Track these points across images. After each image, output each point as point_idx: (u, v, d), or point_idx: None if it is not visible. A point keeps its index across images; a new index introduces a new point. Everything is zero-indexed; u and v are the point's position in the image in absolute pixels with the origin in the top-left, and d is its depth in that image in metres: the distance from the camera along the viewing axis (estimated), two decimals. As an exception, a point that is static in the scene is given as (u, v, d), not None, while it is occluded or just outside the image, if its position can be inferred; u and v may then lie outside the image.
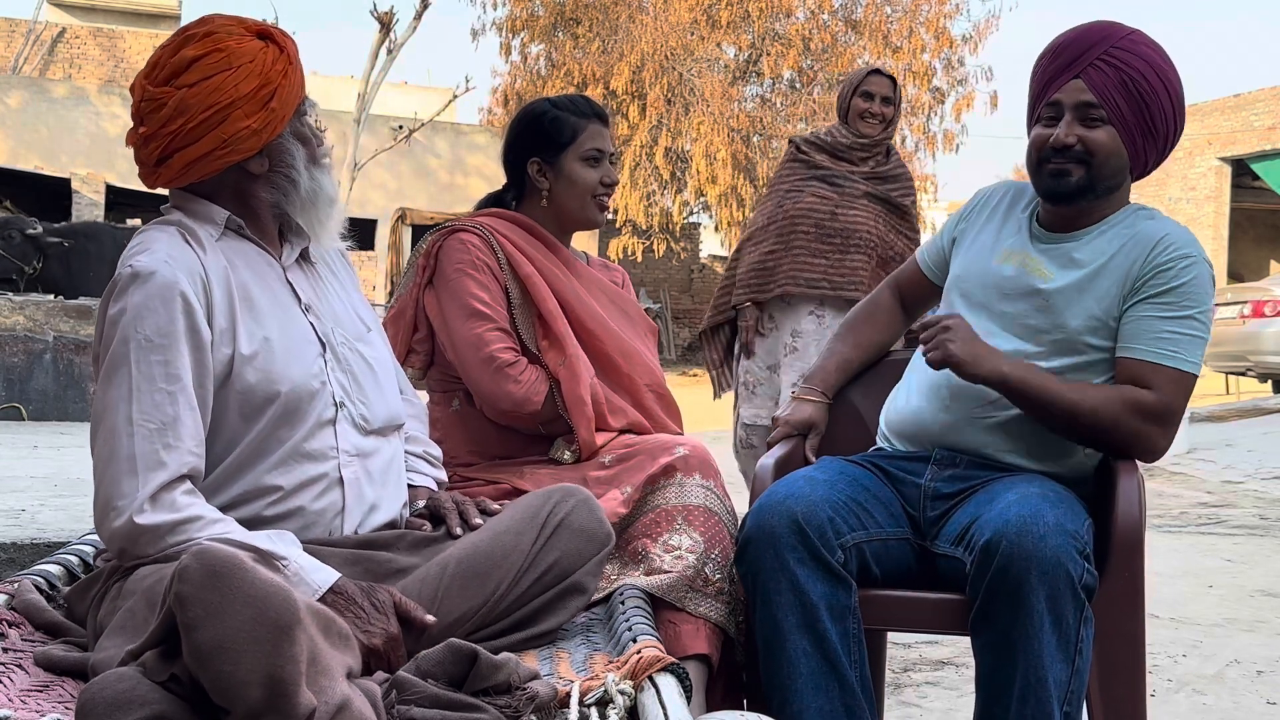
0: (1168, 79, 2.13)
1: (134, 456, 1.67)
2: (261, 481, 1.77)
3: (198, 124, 1.77)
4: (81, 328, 8.93)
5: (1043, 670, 1.88)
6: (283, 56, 1.82)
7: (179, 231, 1.81)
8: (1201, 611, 4.29)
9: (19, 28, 23.51)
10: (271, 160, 1.85)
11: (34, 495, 4.81)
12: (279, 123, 1.82)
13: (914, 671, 3.53)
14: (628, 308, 2.55)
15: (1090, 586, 1.92)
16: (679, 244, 23.22)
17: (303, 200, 1.88)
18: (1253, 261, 22.91)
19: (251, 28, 1.83)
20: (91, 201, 18.85)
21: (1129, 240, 2.14)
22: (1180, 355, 2.08)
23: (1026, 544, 1.87)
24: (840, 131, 4.22)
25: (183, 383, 1.70)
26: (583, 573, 1.86)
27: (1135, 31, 2.16)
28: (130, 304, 1.71)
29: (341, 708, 1.30)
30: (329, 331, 1.90)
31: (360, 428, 1.88)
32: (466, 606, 1.74)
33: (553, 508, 1.87)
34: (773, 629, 2.01)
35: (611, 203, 2.57)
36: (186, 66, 1.78)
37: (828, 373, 2.49)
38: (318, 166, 1.90)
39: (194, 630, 1.24)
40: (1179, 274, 2.09)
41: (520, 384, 2.32)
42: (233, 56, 1.78)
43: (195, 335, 1.73)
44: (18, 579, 1.87)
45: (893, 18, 21.17)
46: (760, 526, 2.03)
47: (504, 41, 21.92)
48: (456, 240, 2.40)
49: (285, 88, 1.81)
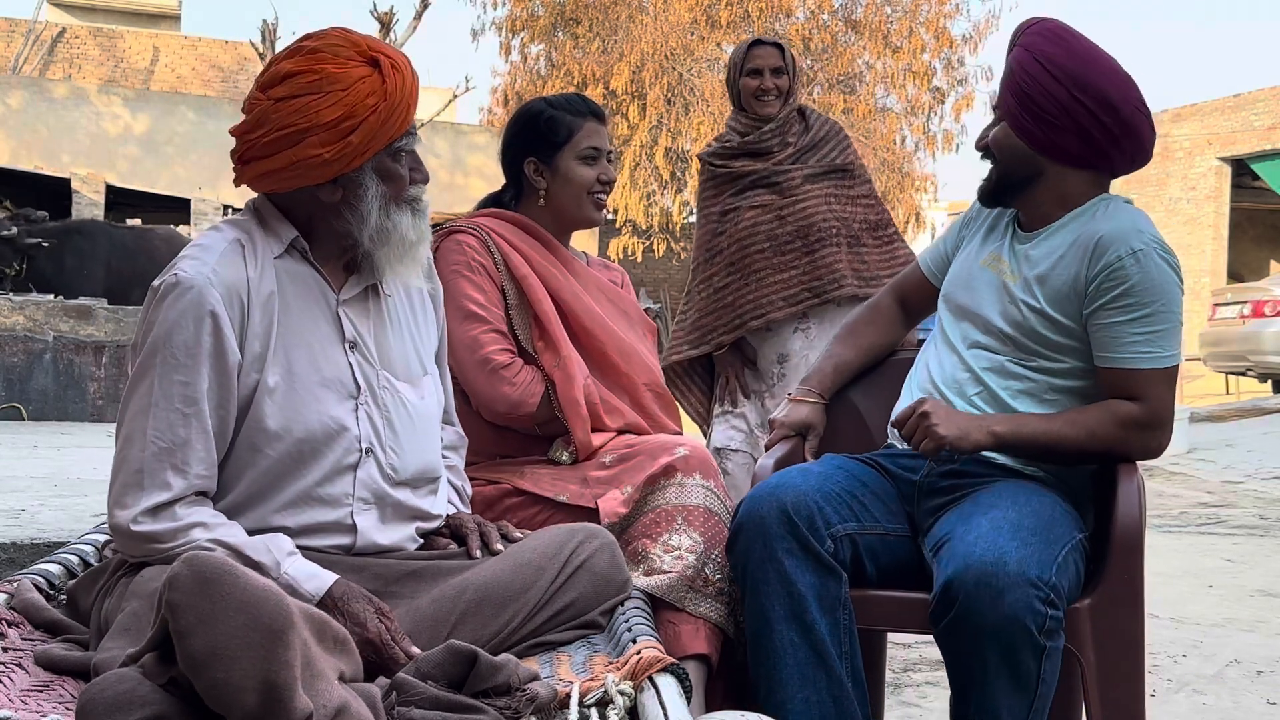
0: (1048, 59, 2.09)
1: (141, 471, 1.68)
2: (268, 521, 1.76)
3: (272, 140, 1.74)
4: (81, 328, 8.93)
5: (997, 708, 1.89)
6: (381, 89, 1.75)
7: (239, 242, 1.78)
8: (1201, 611, 4.29)
9: (19, 28, 23.50)
10: (345, 192, 1.80)
11: (34, 495, 4.81)
12: (356, 156, 1.76)
13: (914, 671, 3.53)
14: (626, 307, 2.55)
15: (1055, 628, 1.88)
16: (679, 244, 23.21)
17: (371, 237, 1.82)
18: (1253, 261, 22.89)
19: (365, 52, 1.77)
20: (91, 201, 18.83)
21: (1075, 241, 2.14)
22: (1155, 354, 2.08)
23: (983, 600, 1.83)
24: (739, 122, 3.64)
25: (199, 406, 1.70)
26: (597, 613, 1.86)
27: (1036, 23, 2.16)
28: (165, 316, 1.70)
29: (340, 710, 1.30)
30: (371, 373, 1.85)
31: (389, 477, 1.84)
32: (479, 634, 1.73)
33: (576, 547, 1.86)
34: (760, 619, 2.01)
35: (611, 202, 2.57)
36: (281, 80, 1.75)
37: (824, 374, 2.49)
38: (398, 206, 1.83)
39: (186, 638, 1.23)
40: (1128, 272, 2.07)
41: (515, 386, 2.32)
42: (325, 81, 1.73)
43: (222, 359, 1.71)
44: (17, 579, 1.87)
45: (893, 18, 21.16)
46: (750, 516, 2.04)
47: (504, 41, 21.91)
48: (453, 241, 2.40)
49: (372, 122, 1.75)
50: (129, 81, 22.80)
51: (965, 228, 2.40)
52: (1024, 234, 2.24)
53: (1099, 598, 2.00)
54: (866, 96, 21.45)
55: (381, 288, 1.91)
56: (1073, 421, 2.09)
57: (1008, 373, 2.18)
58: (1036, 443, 2.10)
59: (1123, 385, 2.09)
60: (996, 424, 2.10)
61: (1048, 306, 2.14)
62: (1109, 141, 2.12)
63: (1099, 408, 2.10)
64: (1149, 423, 2.08)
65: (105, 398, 8.84)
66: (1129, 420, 2.08)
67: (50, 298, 9.37)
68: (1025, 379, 2.17)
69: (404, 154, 1.84)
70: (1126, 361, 2.08)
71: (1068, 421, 2.09)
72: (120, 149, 19.77)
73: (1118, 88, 2.10)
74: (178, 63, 23.75)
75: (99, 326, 8.96)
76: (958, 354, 2.24)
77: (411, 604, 1.76)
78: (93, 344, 8.87)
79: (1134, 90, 2.13)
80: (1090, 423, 2.09)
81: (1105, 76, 2.10)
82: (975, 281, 2.25)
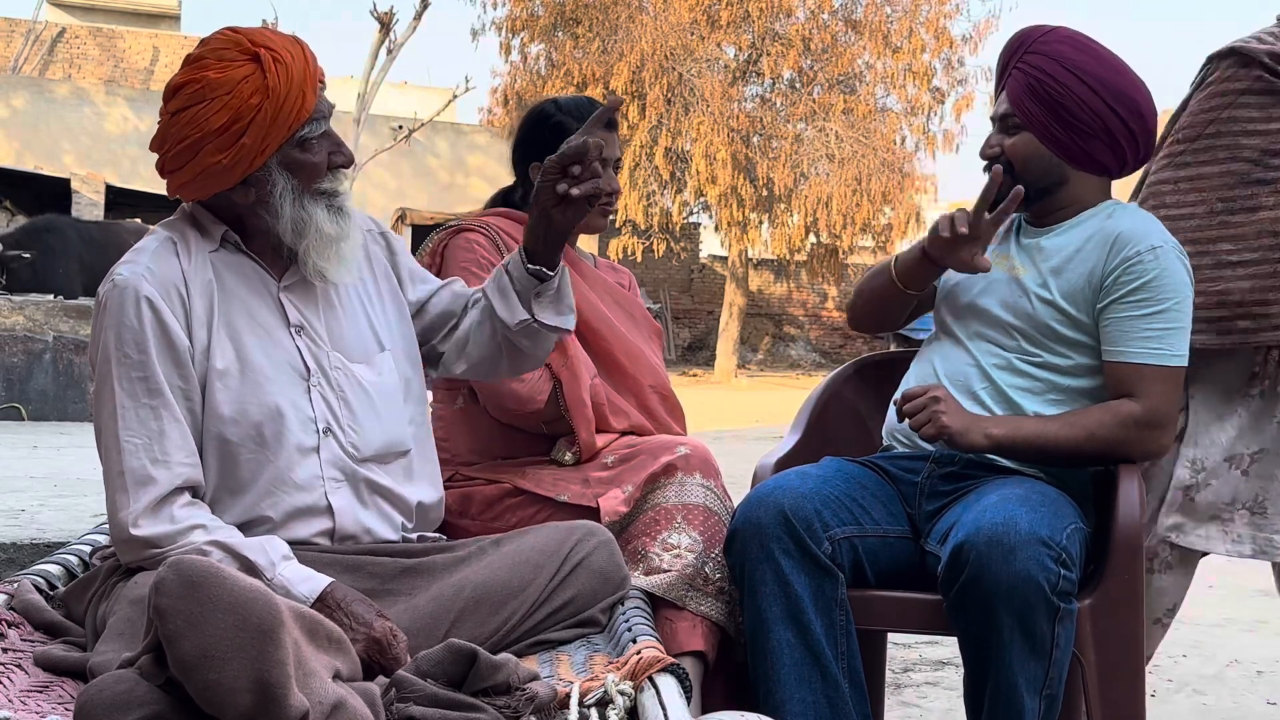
0: (1081, 69, 2.11)
1: (124, 473, 1.70)
2: (253, 512, 1.77)
3: (176, 153, 1.76)
4: (81, 328, 8.93)
5: (1014, 675, 1.89)
6: (264, 86, 1.72)
7: (171, 240, 1.81)
8: (1201, 611, 4.29)
9: (19, 28, 23.50)
10: (257, 190, 1.79)
11: (34, 495, 4.81)
12: (256, 155, 1.74)
13: (914, 671, 3.53)
14: (633, 310, 2.55)
15: (1068, 590, 1.89)
16: (679, 244, 23.22)
17: (289, 231, 1.81)
18: (1253, 261, 22.87)
19: (247, 49, 1.75)
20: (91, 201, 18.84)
21: (1093, 236, 2.15)
22: (1165, 351, 2.08)
23: (995, 559, 1.85)
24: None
25: (165, 396, 1.72)
26: (596, 609, 1.86)
27: (1051, 30, 2.16)
28: (110, 320, 1.73)
29: (336, 707, 1.30)
30: (321, 355, 1.85)
31: (352, 455, 1.84)
32: (478, 633, 1.73)
33: (575, 545, 1.86)
34: (757, 620, 2.01)
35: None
36: (174, 93, 1.77)
37: None
38: (313, 199, 1.81)
39: (176, 642, 1.23)
40: (1146, 268, 2.08)
41: (524, 382, 2.31)
42: (208, 88, 1.72)
43: (173, 348, 1.74)
44: (17, 579, 1.87)
45: (893, 18, 21.18)
46: (747, 518, 2.04)
47: (504, 41, 21.94)
48: (462, 239, 2.41)
49: (260, 121, 1.72)
50: (129, 81, 22.81)
51: None
52: (1034, 229, 2.25)
53: (1099, 598, 2.00)
54: (866, 96, 21.47)
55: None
56: (1071, 423, 2.09)
57: (1015, 370, 2.18)
58: (1032, 445, 2.10)
59: (1127, 381, 2.09)
60: (994, 426, 2.10)
61: (1060, 299, 2.14)
62: (1131, 148, 2.16)
63: (1100, 408, 2.10)
64: (1150, 421, 2.08)
65: (105, 398, 8.83)
66: (1130, 419, 2.08)
67: (50, 298, 9.36)
68: (1031, 377, 2.17)
69: (313, 141, 1.81)
70: (1134, 356, 2.08)
71: (1066, 424, 2.10)
72: (120, 149, 19.78)
73: (1145, 96, 2.16)
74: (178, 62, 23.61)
75: (99, 326, 8.95)
76: (965, 348, 2.25)
77: (410, 602, 1.76)
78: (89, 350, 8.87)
79: (1151, 97, 2.17)
80: (1089, 424, 2.09)
81: (1135, 85, 2.15)
82: (983, 278, 2.25)
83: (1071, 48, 2.14)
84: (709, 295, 25.91)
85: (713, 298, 25.52)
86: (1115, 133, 2.13)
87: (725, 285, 22.97)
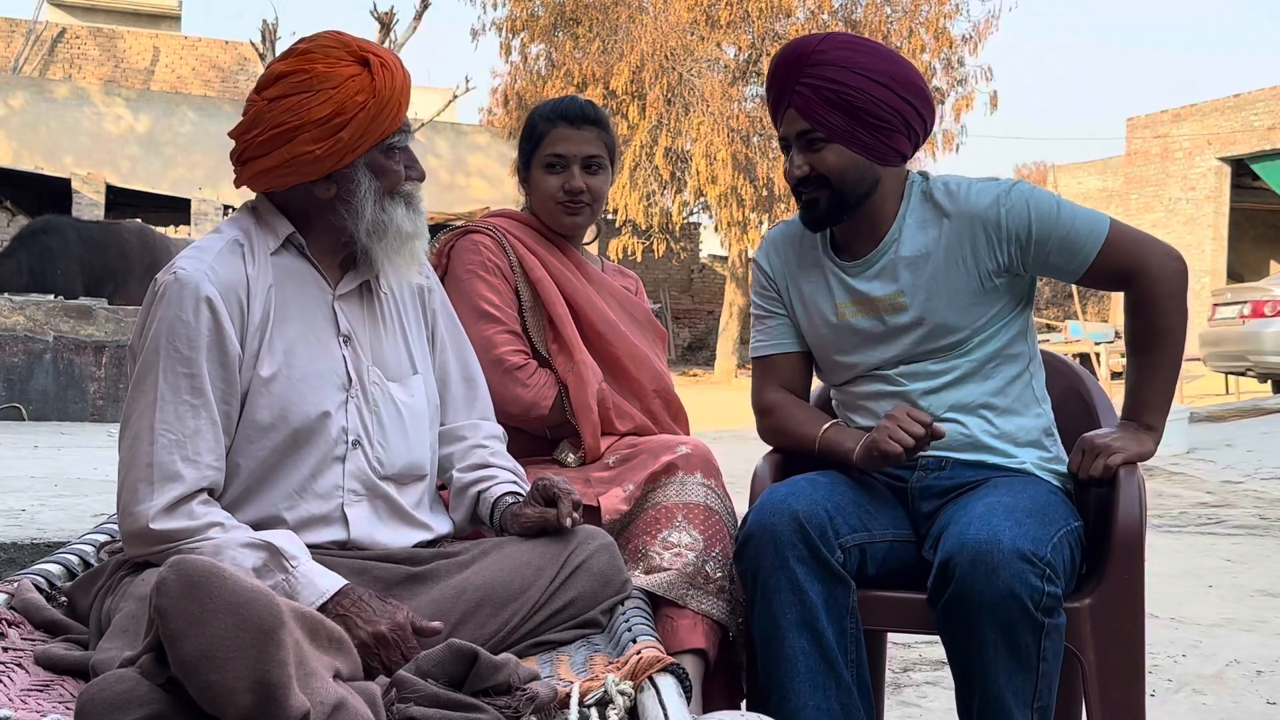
0: (869, 70, 2.09)
1: (152, 465, 1.69)
2: (269, 514, 1.78)
3: (267, 138, 1.78)
4: (81, 328, 8.92)
5: (1000, 690, 1.89)
6: (370, 87, 1.78)
7: (237, 241, 1.82)
8: (1201, 611, 4.29)
9: (19, 28, 23.51)
10: (339, 187, 1.83)
11: (34, 495, 4.81)
12: (348, 152, 1.79)
13: (914, 671, 3.53)
14: (637, 313, 2.55)
15: (1052, 605, 1.89)
16: (679, 244, 23.22)
17: (368, 231, 1.84)
18: (1253, 261, 22.90)
19: (355, 52, 1.80)
20: (91, 202, 18.85)
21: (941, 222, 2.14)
22: (1096, 225, 2.11)
23: (978, 577, 1.85)
24: None
25: (206, 397, 1.73)
26: (597, 611, 1.87)
27: (825, 38, 2.14)
28: (165, 312, 1.73)
29: (337, 706, 1.30)
30: (362, 368, 1.87)
31: (376, 470, 1.86)
32: (479, 634, 1.74)
33: (575, 548, 1.88)
34: (771, 627, 2.01)
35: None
36: (274, 80, 1.80)
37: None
38: (391, 199, 1.86)
39: (177, 642, 1.23)
40: (1016, 203, 2.10)
41: (529, 387, 2.32)
42: (315, 80, 1.77)
43: (224, 352, 1.74)
44: (17, 579, 1.87)
45: (892, 18, 21.17)
46: (761, 524, 2.03)
47: (504, 41, 21.92)
48: (469, 241, 2.41)
49: (362, 119, 1.78)
50: (129, 82, 22.81)
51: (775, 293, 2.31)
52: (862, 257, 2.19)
53: (1099, 598, 2.01)
54: (867, 96, 21.40)
55: (377, 285, 1.93)
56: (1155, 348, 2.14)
57: (931, 373, 2.16)
58: (1167, 395, 2.17)
59: (1112, 266, 2.11)
60: (1147, 419, 2.16)
61: (952, 287, 2.12)
62: (922, 128, 2.16)
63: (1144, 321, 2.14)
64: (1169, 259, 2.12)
65: (105, 398, 8.83)
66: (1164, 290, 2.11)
67: (50, 298, 9.36)
68: (954, 366, 2.15)
69: (397, 151, 1.87)
70: (1090, 248, 2.10)
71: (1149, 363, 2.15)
72: (120, 149, 19.79)
73: (917, 72, 2.17)
74: (178, 63, 23.76)
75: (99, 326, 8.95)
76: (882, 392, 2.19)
77: (412, 604, 1.76)
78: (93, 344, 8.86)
79: (917, 71, 2.19)
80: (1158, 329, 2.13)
81: (909, 67, 2.15)
82: (858, 339, 2.20)
83: (853, 51, 2.11)
84: (709, 295, 25.93)
85: (713, 298, 25.53)
86: (910, 120, 2.12)
87: (725, 285, 22.98)
